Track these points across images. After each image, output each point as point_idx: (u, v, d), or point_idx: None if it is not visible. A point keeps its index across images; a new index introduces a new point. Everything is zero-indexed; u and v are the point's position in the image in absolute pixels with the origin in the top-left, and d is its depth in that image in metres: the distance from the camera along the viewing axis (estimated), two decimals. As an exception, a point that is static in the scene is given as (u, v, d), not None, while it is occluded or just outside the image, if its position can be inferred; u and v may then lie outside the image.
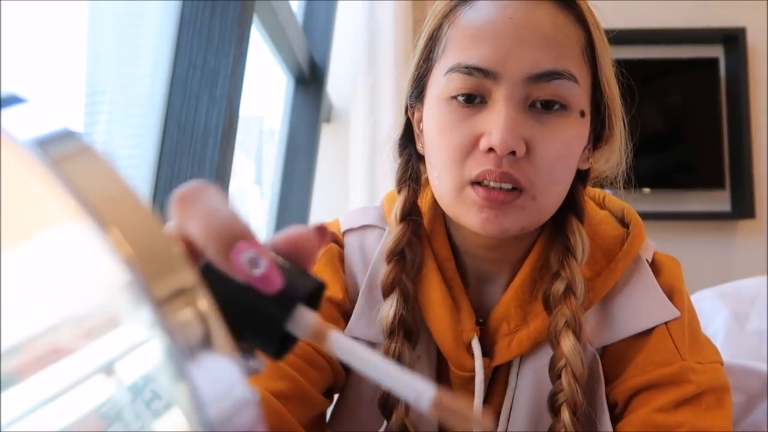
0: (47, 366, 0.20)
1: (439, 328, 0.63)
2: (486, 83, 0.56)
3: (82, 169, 0.20)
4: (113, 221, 0.19)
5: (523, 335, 0.62)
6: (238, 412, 0.20)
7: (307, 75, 1.99)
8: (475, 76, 0.56)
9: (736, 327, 1.18)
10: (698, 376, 0.59)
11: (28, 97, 0.22)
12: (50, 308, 0.21)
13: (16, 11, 0.82)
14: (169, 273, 0.20)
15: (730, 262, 2.52)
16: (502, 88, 0.56)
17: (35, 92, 0.91)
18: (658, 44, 2.59)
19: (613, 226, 0.67)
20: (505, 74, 0.56)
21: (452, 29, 0.60)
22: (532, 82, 0.56)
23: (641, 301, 0.63)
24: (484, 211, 0.56)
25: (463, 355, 0.63)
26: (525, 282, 0.63)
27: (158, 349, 0.19)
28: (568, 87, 0.56)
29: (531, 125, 0.56)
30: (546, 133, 0.56)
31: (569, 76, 0.56)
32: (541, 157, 0.56)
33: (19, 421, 0.20)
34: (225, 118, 1.06)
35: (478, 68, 0.56)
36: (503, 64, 0.56)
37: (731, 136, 2.56)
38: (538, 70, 0.55)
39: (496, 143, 0.54)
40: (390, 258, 0.63)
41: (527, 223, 0.58)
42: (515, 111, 0.56)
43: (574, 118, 0.58)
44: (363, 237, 0.69)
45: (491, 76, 0.56)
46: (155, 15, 1.11)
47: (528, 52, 0.55)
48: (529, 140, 0.56)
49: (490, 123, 0.56)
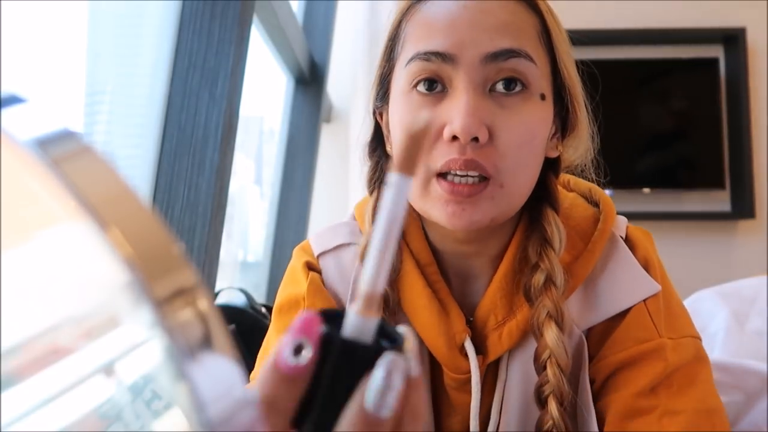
0: (47, 366, 0.20)
1: (429, 335, 0.62)
2: (445, 68, 0.57)
3: (82, 169, 0.20)
4: (113, 221, 0.19)
5: (512, 326, 0.62)
6: (238, 412, 0.20)
7: (307, 75, 1.99)
8: (433, 62, 0.57)
9: (736, 327, 1.18)
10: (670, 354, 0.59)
11: (28, 97, 0.22)
12: (50, 308, 0.21)
13: (16, 11, 0.82)
14: (169, 273, 0.20)
15: (730, 262, 2.52)
16: (461, 72, 0.56)
17: (35, 92, 0.91)
18: (658, 44, 2.59)
19: (584, 207, 0.67)
20: (463, 56, 0.56)
21: (409, 25, 0.60)
22: (489, 62, 0.56)
23: (623, 279, 0.63)
24: (450, 205, 0.56)
25: (458, 358, 0.62)
26: (507, 273, 0.63)
27: (158, 349, 0.19)
28: (525, 65, 0.56)
29: (492, 110, 0.56)
30: (508, 117, 0.56)
31: (526, 55, 0.56)
32: (505, 141, 0.56)
33: (19, 421, 0.20)
34: (225, 118, 1.06)
35: (435, 53, 0.56)
36: (460, 46, 0.56)
37: (731, 136, 2.56)
38: (495, 49, 0.56)
39: (457, 130, 0.54)
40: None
41: (497, 214, 0.57)
42: (476, 96, 0.56)
43: (534, 101, 0.58)
44: (339, 257, 0.68)
45: (449, 59, 0.56)
46: (155, 15, 1.11)
47: (484, 34, 0.56)
48: (491, 125, 0.56)
49: (451, 111, 0.55)
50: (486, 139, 0.55)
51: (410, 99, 0.58)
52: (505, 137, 0.56)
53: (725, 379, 1.04)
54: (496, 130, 0.56)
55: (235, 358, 0.21)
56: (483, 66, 0.56)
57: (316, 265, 0.69)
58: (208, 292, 1.17)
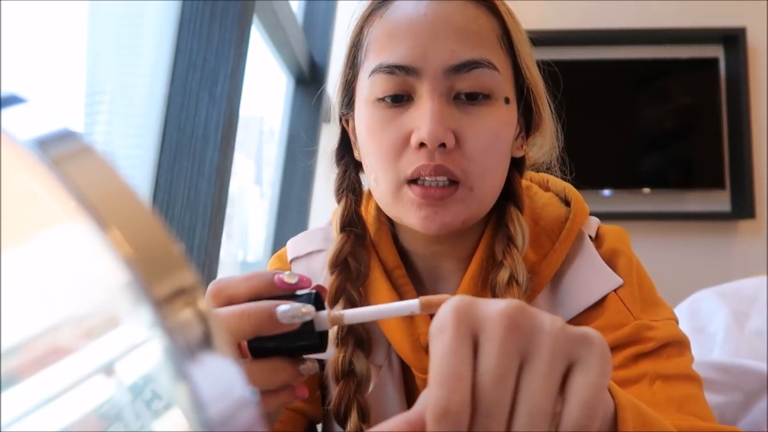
0: (47, 366, 0.20)
1: (394, 336, 0.63)
2: (409, 80, 0.57)
3: (82, 169, 0.20)
4: (113, 221, 0.19)
5: None
6: (238, 412, 0.20)
7: (307, 75, 1.99)
8: (398, 75, 0.57)
9: (736, 327, 1.18)
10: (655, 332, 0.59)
11: (28, 97, 0.22)
12: (50, 308, 0.21)
13: (16, 11, 0.82)
14: (169, 273, 0.20)
15: (730, 262, 2.52)
16: (425, 83, 0.57)
17: (35, 92, 0.91)
18: (658, 44, 2.59)
19: (556, 207, 0.67)
20: (426, 69, 0.57)
21: (372, 32, 0.61)
22: (452, 74, 0.57)
23: (586, 275, 0.63)
24: (422, 209, 0.57)
25: (423, 358, 0.62)
26: (475, 275, 0.63)
27: (158, 349, 0.19)
28: (488, 75, 0.57)
29: (457, 117, 0.57)
30: (473, 123, 0.57)
31: (488, 64, 0.57)
32: (472, 146, 0.57)
33: (19, 421, 0.20)
34: (225, 118, 1.06)
35: (398, 66, 0.57)
36: (422, 58, 0.57)
37: (731, 136, 2.56)
38: (457, 61, 0.56)
39: (425, 136, 0.55)
40: (333, 268, 0.63)
41: (467, 216, 0.58)
42: (440, 104, 0.57)
43: (499, 106, 0.58)
44: (309, 263, 0.69)
45: (412, 72, 0.57)
46: (155, 15, 1.11)
47: (445, 45, 0.57)
48: (457, 131, 0.57)
49: (417, 118, 0.56)
50: (453, 144, 0.56)
51: (377, 110, 0.59)
52: (472, 142, 0.57)
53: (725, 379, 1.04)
54: (463, 136, 0.57)
55: (235, 358, 0.21)
56: (446, 77, 0.57)
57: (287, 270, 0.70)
58: (208, 292, 1.17)
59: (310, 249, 0.70)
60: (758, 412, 1.00)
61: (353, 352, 0.62)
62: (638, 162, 2.59)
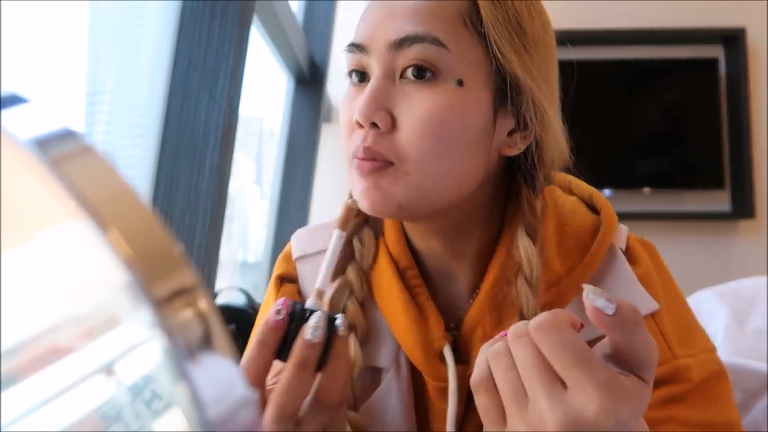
0: (47, 366, 0.20)
1: (406, 341, 0.61)
2: (363, 58, 0.57)
3: (82, 169, 0.20)
4: (113, 221, 0.19)
5: None
6: (238, 412, 0.20)
7: (307, 75, 1.99)
8: (355, 53, 0.57)
9: (735, 326, 1.18)
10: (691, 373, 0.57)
11: (28, 97, 0.22)
12: (50, 308, 0.21)
13: (16, 11, 0.82)
14: (169, 273, 0.20)
15: (730, 262, 2.52)
16: (373, 61, 0.56)
17: (35, 92, 0.91)
18: (658, 44, 2.59)
19: (584, 214, 0.64)
20: (373, 46, 0.56)
21: None
22: (395, 49, 0.55)
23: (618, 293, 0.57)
24: (362, 182, 0.56)
25: (437, 365, 0.60)
26: (496, 283, 0.60)
27: (158, 349, 0.19)
28: (433, 51, 0.54)
29: (397, 97, 0.55)
30: (410, 104, 0.54)
31: (432, 40, 0.54)
32: (405, 130, 0.54)
33: (19, 421, 0.20)
34: (225, 118, 1.06)
35: (354, 44, 0.57)
36: (371, 36, 0.56)
37: (731, 136, 2.56)
38: (399, 36, 0.54)
39: (357, 117, 0.54)
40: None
41: (404, 201, 0.55)
42: (382, 83, 0.55)
43: (445, 87, 0.55)
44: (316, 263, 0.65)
45: (363, 49, 0.57)
46: (155, 15, 1.11)
47: (392, 22, 0.55)
48: (393, 112, 0.55)
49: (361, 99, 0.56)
50: (388, 126, 0.54)
51: (348, 87, 0.60)
52: (407, 124, 0.54)
53: (725, 379, 1.04)
54: (399, 117, 0.55)
55: (235, 358, 0.21)
56: (390, 54, 0.55)
57: (292, 273, 0.68)
58: (208, 292, 1.17)
59: (317, 248, 0.67)
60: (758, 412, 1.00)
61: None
62: (638, 162, 2.59)
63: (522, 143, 0.59)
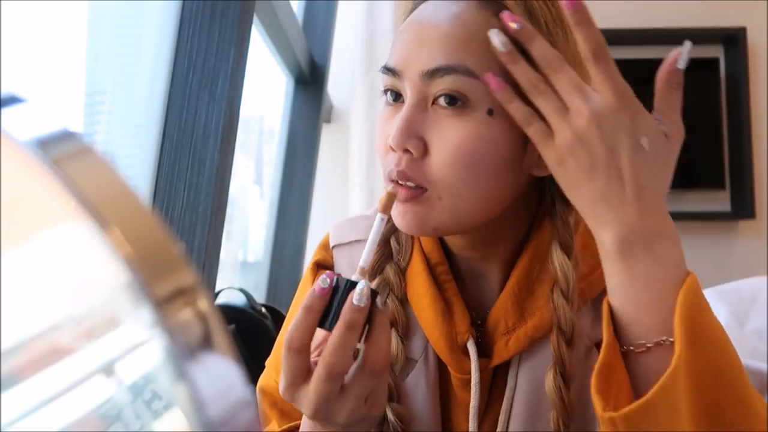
0: (47, 366, 0.20)
1: (432, 333, 0.63)
2: (396, 82, 0.59)
3: (82, 169, 0.20)
4: (113, 221, 0.19)
5: (521, 333, 0.62)
6: (238, 412, 0.20)
7: (307, 75, 1.99)
8: (389, 76, 0.59)
9: (736, 326, 1.18)
10: None
11: (28, 97, 0.22)
12: (50, 308, 0.21)
13: (16, 11, 0.82)
14: (169, 273, 0.20)
15: (730, 262, 2.52)
16: (406, 86, 0.58)
17: (35, 92, 0.91)
18: (658, 44, 2.59)
19: None
20: (406, 73, 0.57)
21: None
22: (427, 79, 0.56)
23: None
24: (399, 205, 0.58)
25: (460, 358, 0.63)
26: (521, 281, 0.63)
27: (158, 349, 0.19)
28: (464, 82, 0.55)
29: (429, 124, 0.57)
30: (442, 133, 0.56)
31: (464, 71, 0.55)
32: (436, 157, 0.56)
33: (19, 421, 0.20)
34: (225, 118, 1.06)
35: (388, 68, 0.59)
36: (405, 63, 0.58)
37: (731, 136, 2.56)
38: (431, 66, 0.56)
39: (390, 142, 0.57)
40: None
41: (438, 224, 0.58)
42: (415, 110, 0.57)
43: (476, 117, 0.56)
44: (351, 252, 0.69)
45: (397, 75, 0.58)
46: (155, 15, 1.11)
47: (425, 50, 0.57)
48: (426, 139, 0.57)
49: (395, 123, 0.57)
50: (420, 152, 0.57)
51: (383, 108, 0.62)
52: (436, 153, 0.56)
53: (725, 379, 1.04)
54: (431, 145, 0.57)
55: (235, 358, 0.21)
56: (423, 82, 0.57)
57: (329, 260, 0.71)
58: (208, 292, 1.17)
59: (353, 237, 0.70)
60: (758, 412, 1.00)
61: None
62: (638, 162, 2.59)
63: None
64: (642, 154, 0.53)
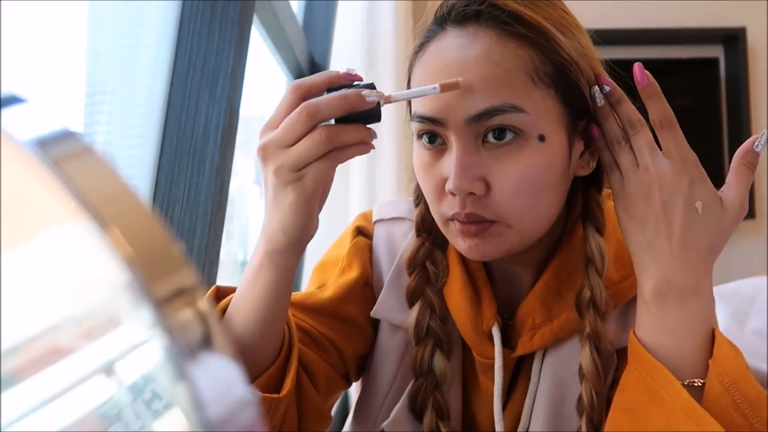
0: (47, 366, 0.20)
1: (459, 317, 0.67)
2: (438, 129, 0.60)
3: (82, 169, 0.20)
4: (113, 221, 0.19)
5: (546, 331, 0.65)
6: (238, 412, 0.20)
7: (307, 75, 1.99)
8: (427, 124, 0.60)
9: (736, 327, 1.18)
10: None
11: (28, 97, 0.22)
12: (50, 308, 0.21)
13: (16, 11, 0.82)
14: (169, 273, 0.20)
15: (730, 262, 2.51)
16: (451, 131, 0.58)
17: (35, 92, 0.91)
18: (658, 44, 2.59)
19: None
20: (450, 120, 0.58)
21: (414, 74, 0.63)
22: (474, 122, 0.57)
23: None
24: (466, 240, 0.60)
25: (484, 343, 0.66)
26: (550, 281, 0.65)
27: (158, 349, 0.19)
28: (512, 118, 0.57)
29: (486, 163, 0.58)
30: (501, 169, 0.58)
31: (510, 108, 0.57)
32: (502, 191, 0.58)
33: (19, 421, 0.20)
34: (225, 118, 1.06)
35: (425, 117, 0.59)
36: (445, 110, 0.58)
37: (731, 136, 2.55)
38: (477, 111, 0.57)
39: (452, 189, 0.58)
40: (410, 269, 0.68)
41: (510, 247, 0.60)
42: (467, 153, 0.58)
43: (530, 146, 0.58)
44: (391, 228, 0.73)
45: (438, 123, 0.59)
46: (155, 15, 1.11)
47: (466, 98, 0.57)
48: (486, 177, 0.58)
49: (448, 167, 0.58)
50: (483, 192, 0.58)
51: (420, 149, 0.62)
52: (502, 187, 0.58)
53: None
54: (493, 182, 0.58)
55: (235, 358, 0.21)
56: (469, 126, 0.58)
57: (369, 231, 0.75)
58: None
59: (394, 215, 0.74)
60: (758, 412, 1.00)
61: (433, 351, 0.66)
62: (638, 162, 2.59)
63: (593, 161, 0.65)
64: (694, 215, 0.57)
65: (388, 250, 0.73)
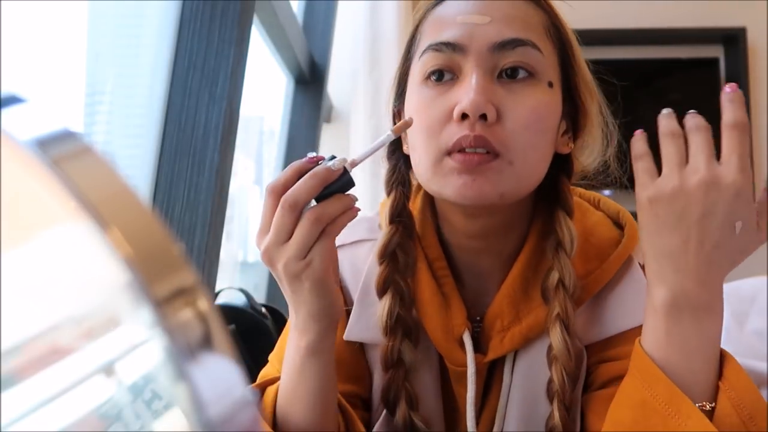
0: (47, 366, 0.20)
1: (429, 325, 0.65)
2: (455, 58, 0.60)
3: (82, 169, 0.20)
4: (113, 221, 0.19)
5: (515, 331, 0.64)
6: (238, 412, 0.20)
7: (307, 75, 1.99)
8: (445, 52, 0.60)
9: (735, 327, 1.18)
10: None
11: (28, 97, 0.22)
12: (50, 308, 0.21)
13: (16, 11, 0.82)
14: (169, 273, 0.20)
15: (730, 262, 2.52)
16: (470, 59, 0.59)
17: (35, 92, 0.91)
18: (658, 44, 2.59)
19: (609, 228, 0.68)
20: (472, 46, 0.59)
21: (424, 25, 0.64)
22: (497, 51, 0.59)
23: (630, 300, 0.64)
24: (462, 176, 0.58)
25: (455, 350, 0.65)
26: (517, 280, 0.65)
27: (158, 349, 0.19)
28: (532, 55, 0.60)
29: (500, 93, 0.59)
30: (514, 99, 0.59)
31: (532, 44, 0.60)
32: (513, 121, 0.58)
33: (19, 421, 0.20)
34: (225, 118, 1.06)
35: (446, 43, 0.60)
36: (469, 37, 0.60)
37: (731, 136, 2.55)
38: (502, 38, 0.59)
39: (467, 107, 0.57)
40: (381, 259, 0.66)
41: (506, 189, 0.59)
42: (484, 79, 0.59)
43: (541, 87, 0.60)
44: (354, 252, 0.71)
45: (459, 49, 0.60)
46: (155, 15, 1.11)
47: (492, 26, 0.60)
48: (499, 106, 0.59)
49: (461, 93, 0.59)
50: (494, 118, 0.58)
51: (423, 89, 0.62)
52: (513, 117, 0.58)
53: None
54: (504, 111, 0.58)
55: (235, 358, 0.21)
56: (491, 54, 0.59)
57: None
58: (208, 292, 1.17)
59: (355, 238, 0.72)
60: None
61: (401, 341, 0.65)
62: (638, 162, 2.59)
63: (571, 144, 0.66)
64: (730, 234, 0.53)
65: (352, 274, 0.71)
